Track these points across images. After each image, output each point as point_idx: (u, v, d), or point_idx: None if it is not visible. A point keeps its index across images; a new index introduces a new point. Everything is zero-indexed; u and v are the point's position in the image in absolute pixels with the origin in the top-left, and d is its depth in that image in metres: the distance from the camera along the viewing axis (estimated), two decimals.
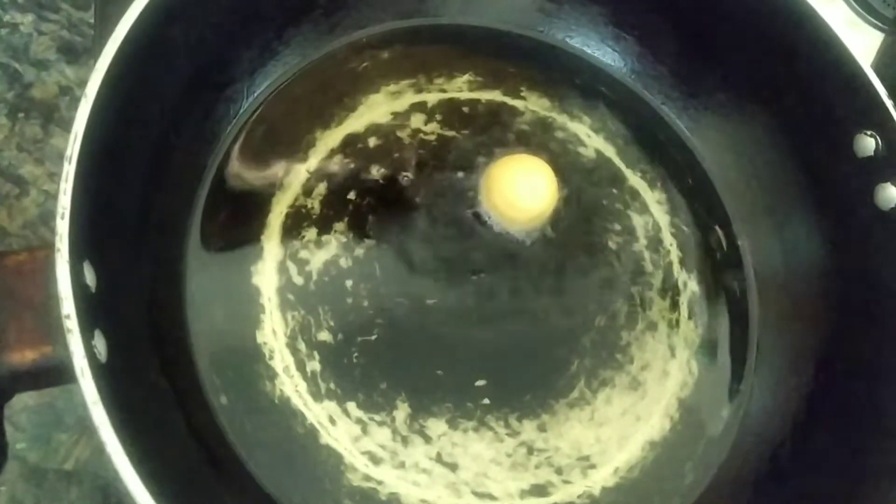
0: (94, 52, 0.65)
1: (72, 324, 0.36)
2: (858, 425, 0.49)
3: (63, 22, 0.69)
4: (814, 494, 0.49)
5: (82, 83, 0.41)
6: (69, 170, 0.38)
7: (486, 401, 0.50)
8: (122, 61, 0.41)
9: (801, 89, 0.55)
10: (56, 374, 0.37)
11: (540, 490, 0.50)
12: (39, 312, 0.37)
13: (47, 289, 0.37)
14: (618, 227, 0.56)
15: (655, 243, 0.56)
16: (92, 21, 0.68)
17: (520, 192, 0.53)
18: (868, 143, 0.51)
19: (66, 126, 0.63)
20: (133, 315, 0.43)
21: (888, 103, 0.50)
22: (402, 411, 0.49)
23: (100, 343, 0.38)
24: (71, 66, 0.68)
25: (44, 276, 0.37)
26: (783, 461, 0.51)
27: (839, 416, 0.50)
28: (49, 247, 0.37)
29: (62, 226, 0.37)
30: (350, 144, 0.55)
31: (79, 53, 0.68)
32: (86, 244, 0.38)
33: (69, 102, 0.66)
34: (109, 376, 0.37)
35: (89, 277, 0.39)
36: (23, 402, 0.57)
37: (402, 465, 0.48)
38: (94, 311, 0.38)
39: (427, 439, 0.49)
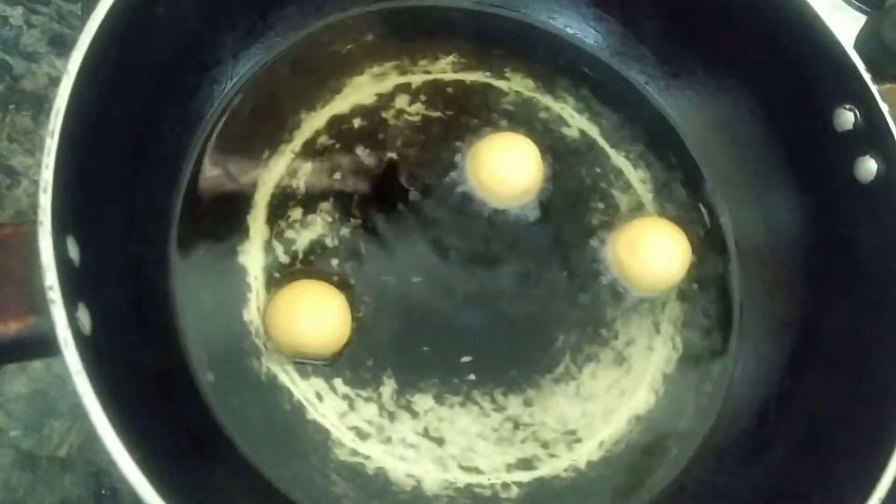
0: None
1: (55, 295, 0.36)
2: (840, 394, 0.50)
3: (53, 14, 0.69)
4: (797, 463, 0.49)
5: None
6: (51, 144, 0.38)
7: (472, 376, 0.51)
8: (103, 39, 0.41)
9: (781, 66, 0.55)
10: (41, 345, 0.37)
11: (526, 464, 0.50)
12: (23, 285, 0.37)
13: (31, 262, 0.37)
14: (602, 205, 0.57)
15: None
16: (80, 13, 0.69)
17: (505, 168, 0.54)
18: (847, 118, 0.51)
19: None
20: (118, 291, 0.44)
21: (866, 77, 0.50)
22: (388, 387, 0.50)
23: (84, 316, 0.38)
24: (61, 58, 0.68)
25: (27, 249, 0.37)
26: (766, 431, 0.51)
27: (821, 386, 0.51)
28: (33, 221, 0.37)
29: (44, 199, 0.37)
30: (335, 125, 0.55)
31: (69, 45, 0.68)
32: (69, 218, 0.38)
33: None
34: (94, 349, 0.37)
35: (73, 252, 0.39)
36: (15, 390, 0.57)
37: (388, 440, 0.49)
38: (77, 284, 0.38)
39: (414, 414, 0.50)
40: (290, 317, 0.48)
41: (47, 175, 0.37)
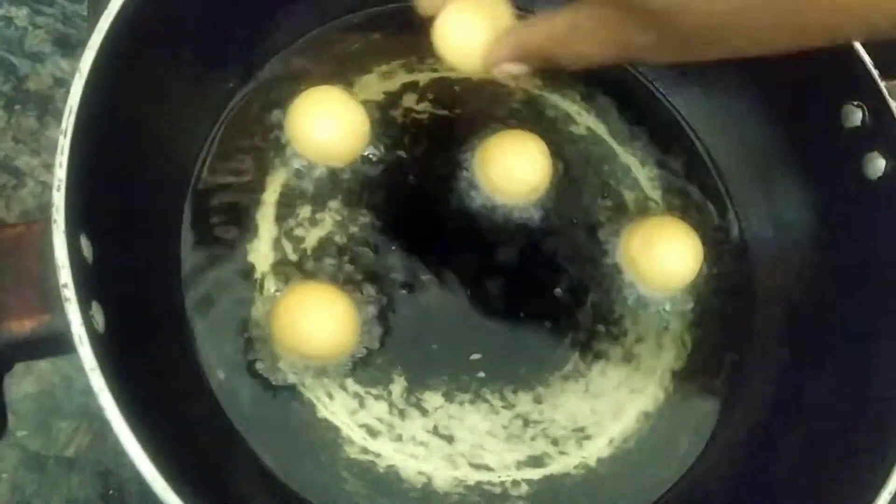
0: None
1: (69, 293, 0.36)
2: (850, 392, 0.50)
3: (57, 15, 0.69)
4: (806, 461, 0.49)
5: None
6: (64, 143, 0.38)
7: (482, 374, 0.51)
8: (114, 38, 0.42)
9: (789, 63, 0.54)
10: (55, 343, 0.37)
11: (536, 461, 0.50)
12: (37, 283, 0.38)
13: (45, 260, 0.37)
14: (610, 202, 0.57)
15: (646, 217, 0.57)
16: (86, 14, 0.69)
17: (514, 166, 0.54)
18: (855, 114, 0.51)
19: (62, 118, 0.64)
20: (130, 289, 0.44)
21: (874, 74, 0.50)
22: (398, 385, 0.50)
23: (97, 314, 0.38)
24: (66, 59, 0.68)
25: (41, 247, 0.38)
26: (777, 429, 0.51)
27: (831, 383, 0.51)
28: (46, 220, 0.37)
29: (58, 198, 0.37)
30: None
31: (73, 46, 0.69)
32: (82, 217, 0.39)
33: (64, 94, 0.66)
34: (107, 346, 0.37)
35: (86, 250, 0.39)
36: (23, 390, 0.57)
37: (399, 438, 0.49)
38: (91, 282, 0.38)
39: (424, 412, 0.50)
40: (296, 322, 0.48)
41: (61, 174, 0.38)
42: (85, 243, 0.39)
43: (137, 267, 0.45)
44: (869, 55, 0.51)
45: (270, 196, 0.52)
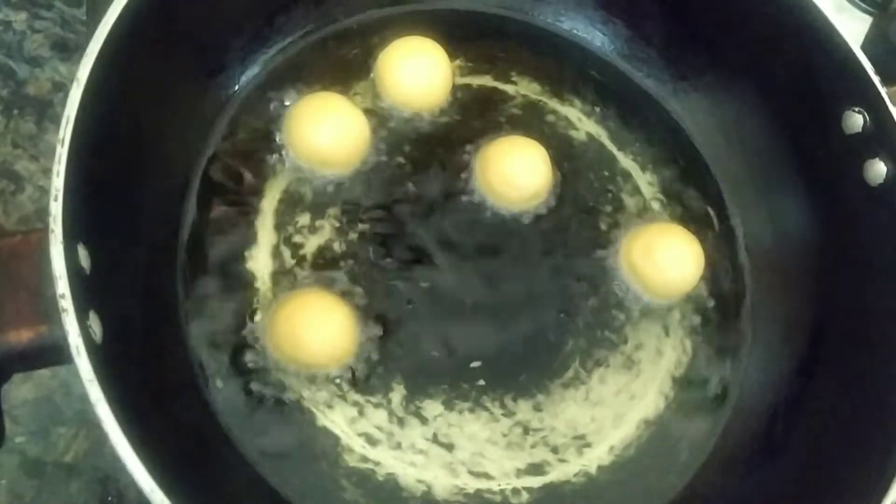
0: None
1: (66, 303, 0.36)
2: (850, 397, 0.49)
3: (56, 19, 0.69)
4: (807, 467, 0.49)
5: None
6: (61, 152, 0.38)
7: (482, 382, 0.51)
8: (112, 46, 0.42)
9: (789, 69, 0.55)
10: (53, 353, 0.37)
11: (536, 469, 0.50)
12: (35, 293, 0.38)
13: (42, 270, 0.37)
14: (609, 208, 0.57)
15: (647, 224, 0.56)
16: (84, 18, 0.69)
17: (514, 172, 0.54)
18: (856, 120, 0.51)
19: (61, 122, 0.64)
20: (127, 298, 0.44)
21: (875, 80, 0.50)
22: (397, 393, 0.50)
23: (95, 324, 0.38)
24: (64, 63, 0.68)
25: (38, 257, 0.37)
26: (776, 435, 0.51)
27: (831, 389, 0.51)
28: (43, 229, 0.37)
29: (55, 207, 0.37)
30: None
31: (72, 50, 0.69)
32: (79, 226, 0.38)
33: (63, 99, 0.65)
34: (105, 356, 0.37)
35: (84, 260, 0.39)
36: (22, 396, 0.57)
37: (398, 446, 0.49)
38: (88, 292, 0.38)
39: (423, 420, 0.49)
40: (295, 330, 0.48)
41: (58, 183, 0.38)
42: (82, 253, 0.39)
43: (135, 276, 0.45)
44: (869, 60, 0.51)
45: (269, 203, 0.52)
